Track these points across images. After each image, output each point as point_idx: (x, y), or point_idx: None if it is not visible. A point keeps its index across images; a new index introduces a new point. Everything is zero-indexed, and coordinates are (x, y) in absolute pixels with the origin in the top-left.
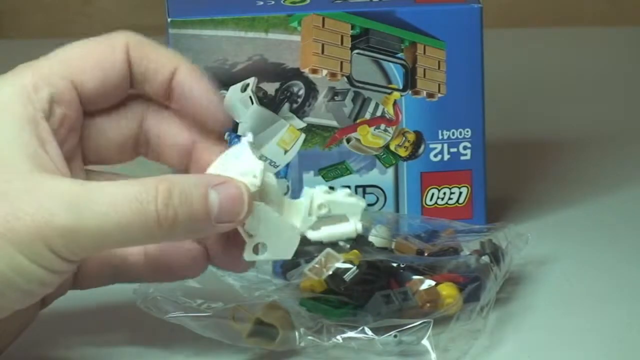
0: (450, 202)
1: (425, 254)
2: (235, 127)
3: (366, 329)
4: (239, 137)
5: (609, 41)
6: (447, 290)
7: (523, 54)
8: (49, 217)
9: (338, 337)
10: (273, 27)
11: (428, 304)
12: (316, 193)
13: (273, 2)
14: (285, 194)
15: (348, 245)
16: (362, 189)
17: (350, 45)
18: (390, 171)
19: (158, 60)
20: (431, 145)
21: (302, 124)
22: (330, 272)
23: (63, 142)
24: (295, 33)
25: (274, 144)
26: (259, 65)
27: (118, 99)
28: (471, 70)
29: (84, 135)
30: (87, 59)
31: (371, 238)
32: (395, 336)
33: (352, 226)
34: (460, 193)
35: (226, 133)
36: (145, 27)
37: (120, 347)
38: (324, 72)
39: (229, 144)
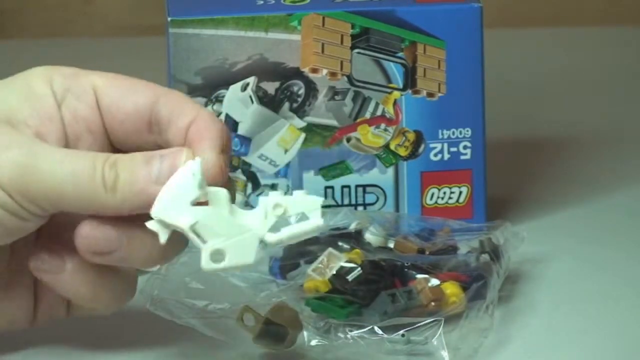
0: (450, 201)
1: (427, 253)
2: (235, 126)
3: (375, 328)
4: (239, 136)
5: (609, 41)
6: (451, 289)
7: (523, 54)
8: (2, 150)
9: (347, 336)
10: (273, 26)
11: (433, 303)
12: (270, 195)
13: (273, 2)
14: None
15: (348, 246)
16: (362, 189)
17: (350, 45)
18: (390, 171)
19: (183, 107)
20: (431, 145)
21: (302, 124)
22: (334, 272)
23: (79, 139)
24: (296, 32)
25: (274, 143)
26: (259, 65)
27: (136, 133)
28: (471, 70)
29: None
30: (119, 79)
31: (367, 237)
32: (402, 335)
33: (313, 222)
34: (460, 192)
35: None
36: (145, 27)
37: (128, 348)
38: (324, 71)
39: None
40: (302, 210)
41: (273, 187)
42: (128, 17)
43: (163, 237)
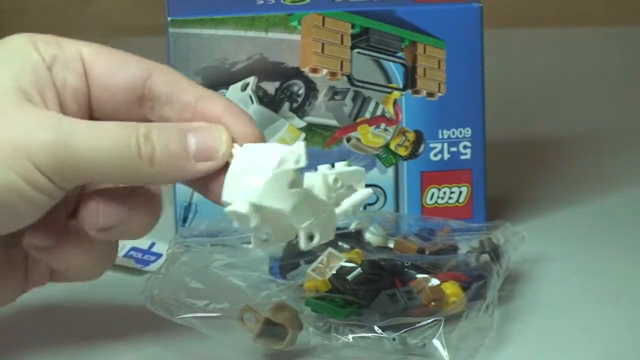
0: (450, 201)
1: (427, 253)
2: None
3: (375, 328)
4: None
5: (609, 41)
6: (451, 289)
7: (523, 54)
8: (35, 132)
9: (348, 336)
10: (273, 26)
11: (433, 303)
12: (321, 169)
13: (273, 1)
14: None
15: (348, 246)
16: None
17: (350, 45)
18: (391, 170)
19: (185, 85)
20: (431, 145)
21: (302, 124)
22: (334, 272)
23: (66, 108)
24: (296, 32)
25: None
26: (259, 65)
27: (126, 107)
28: (471, 70)
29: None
30: (107, 52)
31: (368, 237)
32: (394, 339)
33: (365, 192)
34: (460, 192)
35: None
36: (145, 27)
37: (128, 347)
38: (324, 71)
39: None
40: (351, 183)
41: None
42: (128, 17)
43: (254, 221)
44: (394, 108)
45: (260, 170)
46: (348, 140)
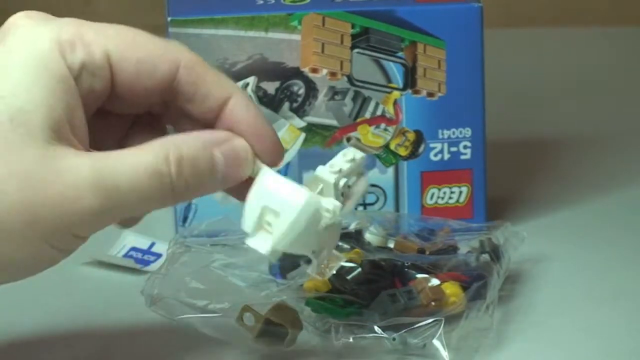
0: (450, 201)
1: (427, 253)
2: None
3: (375, 328)
4: None
5: (609, 41)
6: (451, 289)
7: (523, 54)
8: (74, 201)
9: (348, 336)
10: (273, 26)
11: (433, 303)
12: (330, 179)
13: (273, 1)
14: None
15: (348, 246)
16: None
17: (350, 45)
18: (391, 170)
19: (210, 85)
20: (431, 145)
21: (302, 123)
22: (334, 272)
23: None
24: (296, 32)
25: None
26: (259, 64)
27: (146, 104)
28: (471, 70)
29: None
30: (134, 50)
31: (368, 237)
32: (394, 339)
33: (363, 182)
34: (461, 192)
35: None
36: (145, 27)
37: (127, 347)
38: (324, 71)
39: None
40: (355, 174)
41: None
42: (128, 17)
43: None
44: (394, 108)
45: (282, 212)
46: (348, 140)
